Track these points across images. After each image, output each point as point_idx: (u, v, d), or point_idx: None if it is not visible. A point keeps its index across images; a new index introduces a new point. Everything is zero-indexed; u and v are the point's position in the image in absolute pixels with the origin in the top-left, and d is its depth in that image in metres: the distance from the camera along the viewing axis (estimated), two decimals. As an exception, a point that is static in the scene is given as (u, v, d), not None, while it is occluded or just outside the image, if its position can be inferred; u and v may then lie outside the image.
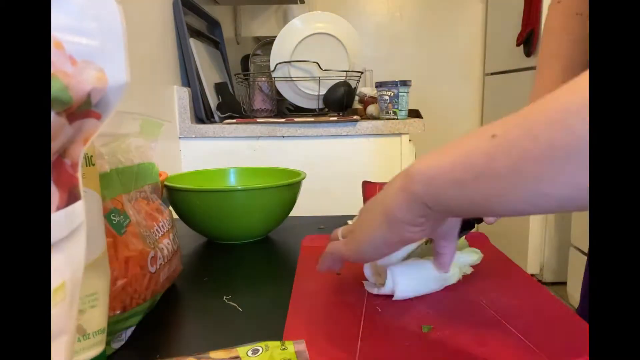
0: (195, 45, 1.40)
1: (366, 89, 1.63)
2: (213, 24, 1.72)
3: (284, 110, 1.64)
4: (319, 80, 1.41)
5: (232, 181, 0.80)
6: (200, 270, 0.56)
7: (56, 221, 0.20)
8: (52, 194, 0.20)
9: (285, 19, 2.10)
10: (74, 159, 0.21)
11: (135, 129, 0.44)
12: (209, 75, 1.50)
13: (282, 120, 1.34)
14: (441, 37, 3.00)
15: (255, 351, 0.30)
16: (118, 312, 0.37)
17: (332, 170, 1.34)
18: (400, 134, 1.33)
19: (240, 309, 0.44)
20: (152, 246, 0.42)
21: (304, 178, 0.69)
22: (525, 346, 0.35)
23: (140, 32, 1.10)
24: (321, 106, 1.46)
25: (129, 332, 0.39)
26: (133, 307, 0.39)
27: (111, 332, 0.37)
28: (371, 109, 1.47)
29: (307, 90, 1.45)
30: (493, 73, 2.81)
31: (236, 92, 1.61)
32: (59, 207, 0.20)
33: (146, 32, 1.14)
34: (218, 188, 0.73)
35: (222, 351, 0.31)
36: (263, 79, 1.46)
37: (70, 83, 0.18)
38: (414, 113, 1.56)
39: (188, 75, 1.35)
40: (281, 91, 1.48)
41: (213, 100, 1.46)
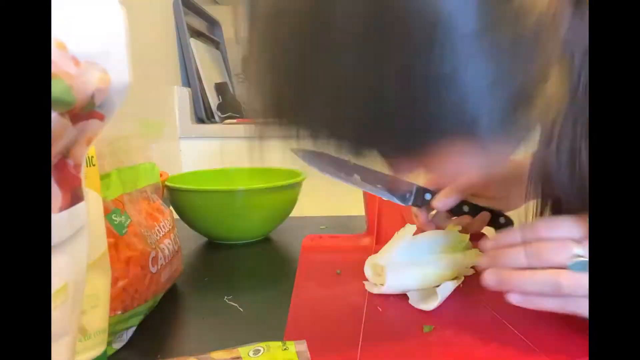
0: (195, 45, 1.40)
1: (366, 89, 1.63)
2: (213, 24, 1.71)
3: (284, 110, 1.63)
4: (319, 80, 1.41)
5: (233, 181, 0.80)
6: (201, 270, 0.56)
7: (59, 222, 0.20)
8: (55, 195, 0.20)
9: (285, 19, 2.10)
10: (77, 160, 0.21)
11: (136, 130, 0.44)
12: (209, 75, 1.50)
13: (282, 120, 1.34)
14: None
15: (256, 351, 0.30)
16: (119, 313, 0.37)
17: (332, 170, 1.34)
18: (400, 134, 1.32)
19: (241, 309, 0.44)
20: (153, 246, 0.42)
21: (305, 178, 0.69)
22: (525, 346, 0.35)
23: (140, 33, 1.10)
24: (321, 106, 1.46)
25: (130, 333, 0.39)
26: (134, 308, 0.39)
27: (112, 333, 0.37)
28: (371, 109, 1.47)
29: (307, 90, 1.45)
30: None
31: (236, 92, 1.61)
32: (62, 208, 0.20)
33: (147, 33, 1.14)
34: (219, 188, 0.73)
35: (223, 351, 0.31)
36: (263, 79, 1.45)
37: (73, 84, 0.18)
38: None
39: (188, 75, 1.35)
40: (281, 91, 1.48)
41: (213, 100, 1.46)
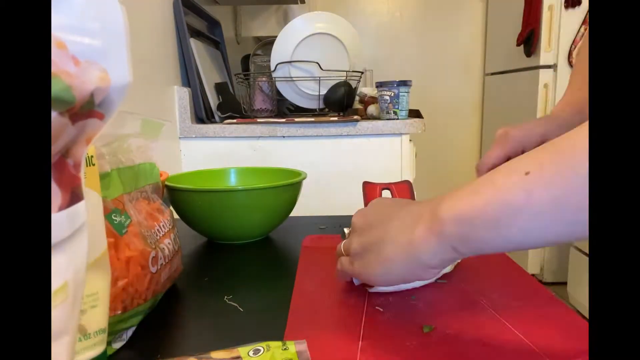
0: (195, 45, 1.41)
1: (366, 89, 1.63)
2: (213, 24, 1.72)
3: (285, 110, 1.64)
4: (320, 80, 1.41)
5: (233, 181, 0.80)
6: (201, 270, 0.56)
7: (58, 221, 0.20)
8: (55, 195, 0.20)
9: (285, 19, 2.11)
10: (77, 159, 0.21)
11: (135, 129, 0.44)
12: (210, 75, 1.50)
13: (283, 120, 1.34)
14: (441, 37, 3.00)
15: (256, 351, 0.30)
16: (119, 312, 0.37)
17: (333, 170, 1.34)
18: (400, 134, 1.33)
19: (241, 309, 0.44)
20: (153, 246, 0.42)
21: (305, 178, 0.69)
22: (525, 346, 0.35)
23: (140, 32, 1.10)
24: (321, 106, 1.46)
25: (130, 332, 0.39)
26: (134, 307, 0.39)
27: (112, 332, 0.37)
28: (371, 109, 1.47)
29: (308, 90, 1.45)
30: (493, 73, 2.81)
31: (236, 92, 1.61)
32: (62, 208, 0.20)
33: (146, 32, 1.14)
34: (218, 188, 0.73)
35: (223, 351, 0.31)
36: (263, 79, 1.46)
37: (73, 83, 0.18)
38: (415, 113, 1.56)
39: (188, 75, 1.35)
40: (281, 91, 1.48)
41: (213, 100, 1.46)
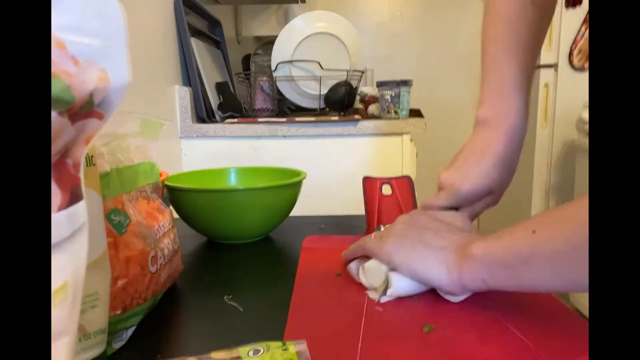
0: (196, 44, 1.41)
1: (367, 89, 1.63)
2: (214, 24, 1.72)
3: (285, 109, 1.64)
4: (320, 79, 1.41)
5: (233, 181, 0.80)
6: (200, 270, 0.56)
7: (58, 221, 0.20)
8: (54, 195, 0.20)
9: (286, 19, 2.11)
10: (76, 159, 0.21)
11: (135, 129, 0.44)
12: (210, 74, 1.50)
13: (283, 119, 1.34)
14: (442, 37, 3.00)
15: (256, 351, 0.30)
16: (119, 312, 0.37)
17: (333, 170, 1.34)
18: (401, 134, 1.33)
19: (240, 309, 0.44)
20: (153, 246, 0.42)
21: (305, 178, 0.69)
22: (525, 346, 0.35)
23: (141, 32, 1.10)
24: (322, 106, 1.46)
25: (130, 332, 0.39)
26: (134, 307, 0.39)
27: (112, 332, 0.37)
28: (372, 109, 1.47)
29: (308, 89, 1.45)
30: (494, 73, 2.80)
31: (237, 92, 1.61)
32: (61, 208, 0.20)
33: (147, 32, 1.14)
34: (219, 188, 0.73)
35: (223, 351, 0.31)
36: (264, 79, 1.46)
37: (72, 83, 0.18)
38: (415, 112, 1.56)
39: (189, 74, 1.35)
40: (282, 91, 1.48)
41: (214, 99, 1.46)
